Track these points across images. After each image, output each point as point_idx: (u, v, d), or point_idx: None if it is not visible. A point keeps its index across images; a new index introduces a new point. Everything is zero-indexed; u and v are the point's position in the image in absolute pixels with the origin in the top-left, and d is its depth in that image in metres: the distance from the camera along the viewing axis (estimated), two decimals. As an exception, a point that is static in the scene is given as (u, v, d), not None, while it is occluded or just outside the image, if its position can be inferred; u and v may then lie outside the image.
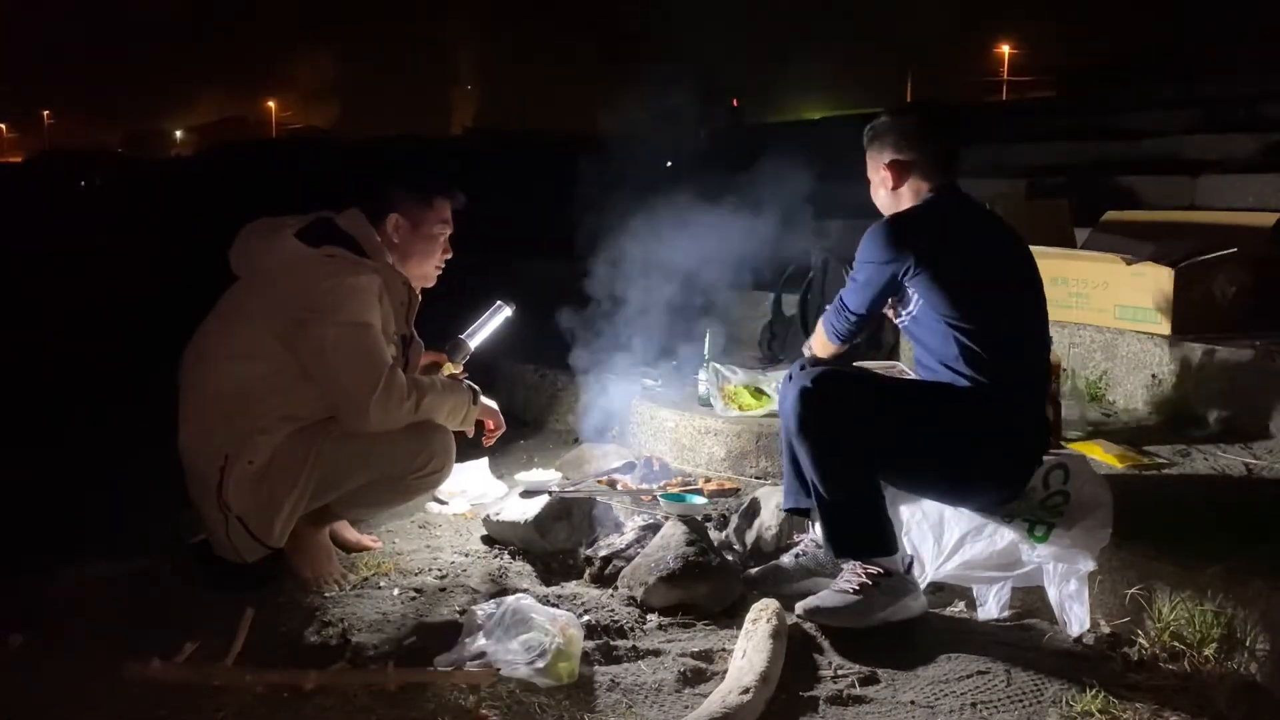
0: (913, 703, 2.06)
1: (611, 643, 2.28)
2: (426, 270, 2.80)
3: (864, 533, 2.40)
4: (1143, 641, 2.18)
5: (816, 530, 2.69)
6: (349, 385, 2.51)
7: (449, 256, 2.84)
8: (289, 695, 2.04)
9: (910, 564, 2.48)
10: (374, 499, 2.75)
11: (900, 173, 2.58)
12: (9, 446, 3.97)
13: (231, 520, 2.52)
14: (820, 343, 2.71)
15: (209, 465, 2.51)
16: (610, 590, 2.60)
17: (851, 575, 2.39)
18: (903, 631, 2.35)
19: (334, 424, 2.59)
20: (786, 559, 2.71)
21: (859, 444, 2.36)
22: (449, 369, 3.03)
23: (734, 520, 3.04)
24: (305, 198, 2.91)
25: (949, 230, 2.52)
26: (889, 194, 2.62)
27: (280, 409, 2.54)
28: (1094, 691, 2.01)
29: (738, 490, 3.25)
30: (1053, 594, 2.33)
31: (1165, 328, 3.42)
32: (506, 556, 2.88)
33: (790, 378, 2.48)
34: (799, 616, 2.38)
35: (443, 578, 2.70)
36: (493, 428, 2.95)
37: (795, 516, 2.75)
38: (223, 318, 2.64)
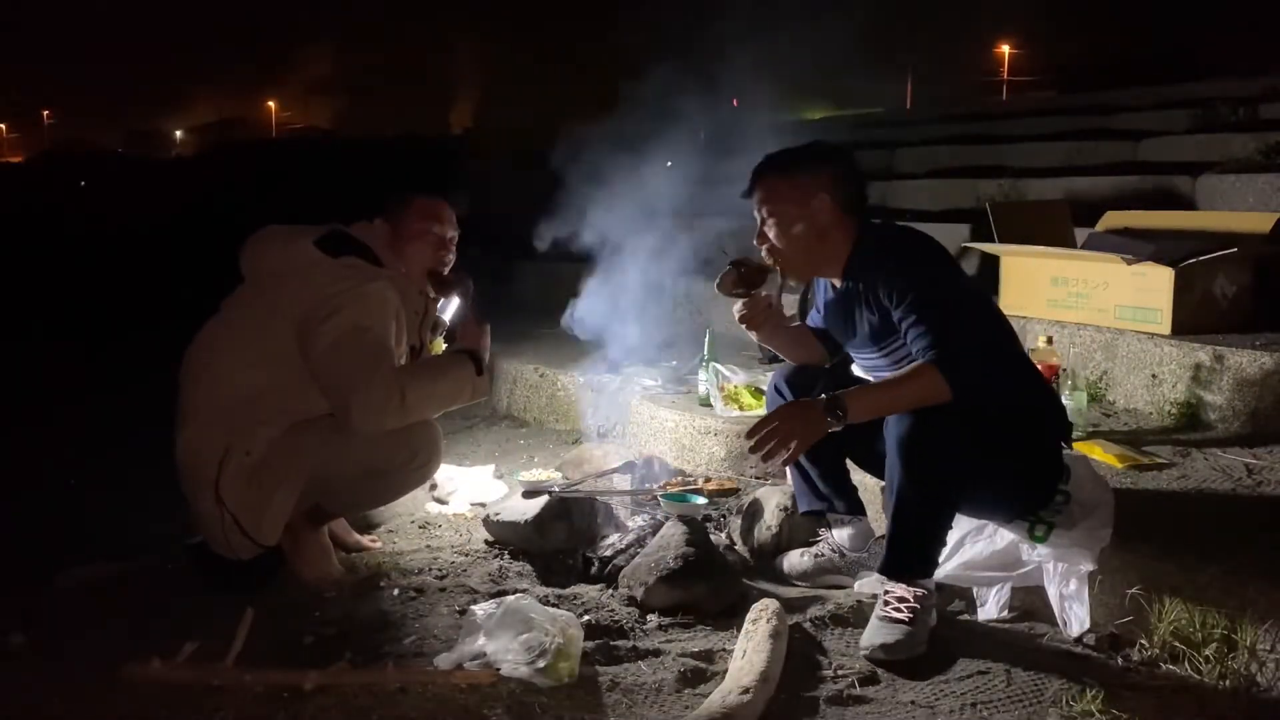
0: (913, 703, 2.06)
1: (611, 643, 2.28)
2: (415, 273, 2.78)
3: (927, 559, 2.31)
4: (1143, 642, 2.18)
5: (835, 535, 2.69)
6: (338, 387, 2.51)
7: (447, 256, 2.84)
8: (289, 695, 2.04)
9: None
10: (366, 494, 2.77)
11: (842, 208, 2.38)
12: (9, 446, 3.97)
13: (226, 517, 2.52)
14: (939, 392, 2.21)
15: (209, 461, 2.51)
16: (610, 590, 2.60)
17: (899, 601, 2.27)
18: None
19: (326, 419, 2.59)
20: (807, 558, 2.72)
21: (961, 477, 2.25)
22: (436, 348, 2.99)
23: (734, 520, 3.05)
24: (312, 205, 2.94)
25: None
26: (815, 233, 2.38)
27: (282, 404, 2.56)
28: (1094, 691, 2.00)
29: (738, 490, 3.25)
30: (1053, 594, 2.33)
31: (1165, 328, 3.42)
32: (506, 556, 2.88)
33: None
34: (869, 659, 2.22)
35: (443, 578, 2.70)
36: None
37: (809, 518, 2.76)
38: (234, 324, 2.64)
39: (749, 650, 2.13)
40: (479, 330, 2.77)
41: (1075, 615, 2.28)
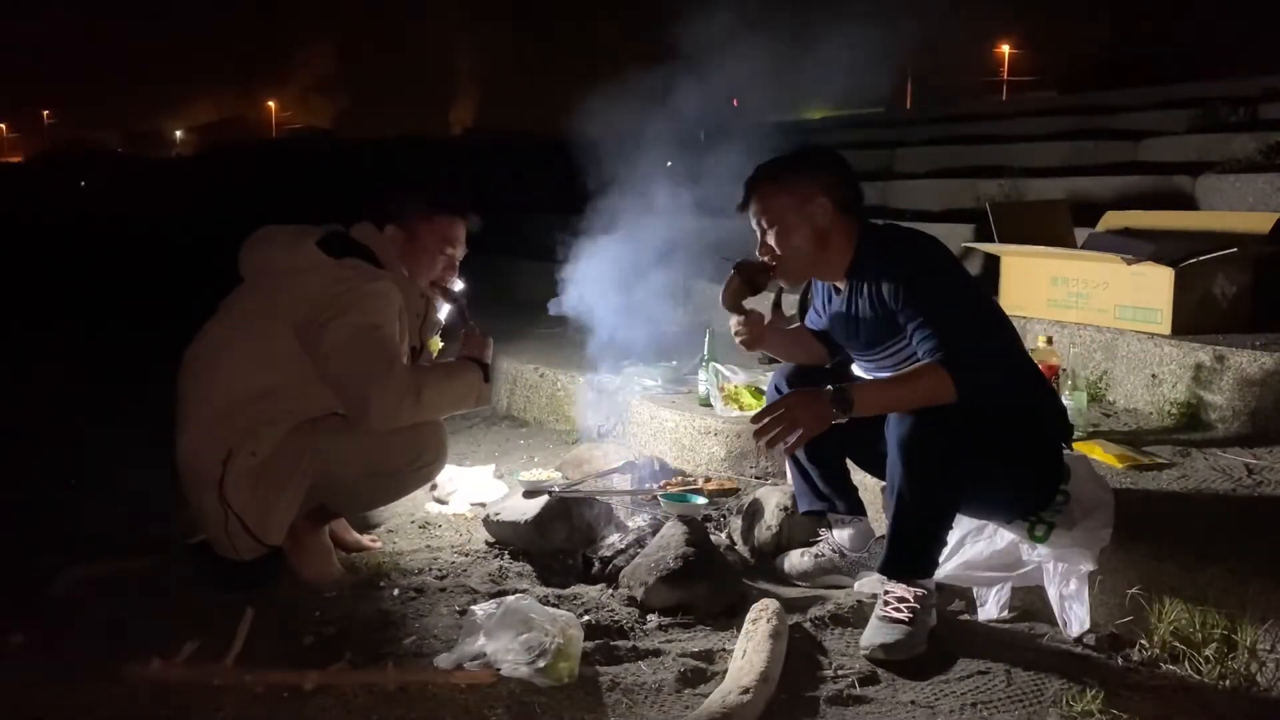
0: (913, 703, 2.06)
1: (611, 643, 2.28)
2: (418, 280, 2.79)
3: (927, 559, 2.31)
4: (1143, 642, 2.18)
5: (836, 535, 2.69)
6: (352, 385, 2.51)
7: (451, 273, 2.85)
8: (289, 695, 2.04)
9: None
10: (370, 494, 2.76)
11: (840, 209, 2.39)
12: (9, 446, 3.96)
13: (231, 517, 2.52)
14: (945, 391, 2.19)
15: (211, 461, 2.51)
16: (610, 590, 2.60)
17: (899, 601, 2.26)
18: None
19: (331, 419, 2.60)
20: (807, 558, 2.72)
21: (962, 478, 2.25)
22: (433, 347, 2.99)
23: (734, 520, 3.05)
24: (313, 204, 2.92)
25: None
26: (817, 237, 2.39)
27: (284, 404, 2.56)
28: (1094, 691, 2.00)
29: (738, 490, 3.25)
30: (1053, 594, 2.33)
31: (1165, 328, 3.43)
32: (506, 556, 2.88)
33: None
34: (869, 659, 2.22)
35: (443, 578, 2.70)
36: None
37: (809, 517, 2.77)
38: (234, 325, 2.64)
39: (749, 650, 2.13)
40: (483, 341, 2.79)
41: (1075, 615, 2.28)
